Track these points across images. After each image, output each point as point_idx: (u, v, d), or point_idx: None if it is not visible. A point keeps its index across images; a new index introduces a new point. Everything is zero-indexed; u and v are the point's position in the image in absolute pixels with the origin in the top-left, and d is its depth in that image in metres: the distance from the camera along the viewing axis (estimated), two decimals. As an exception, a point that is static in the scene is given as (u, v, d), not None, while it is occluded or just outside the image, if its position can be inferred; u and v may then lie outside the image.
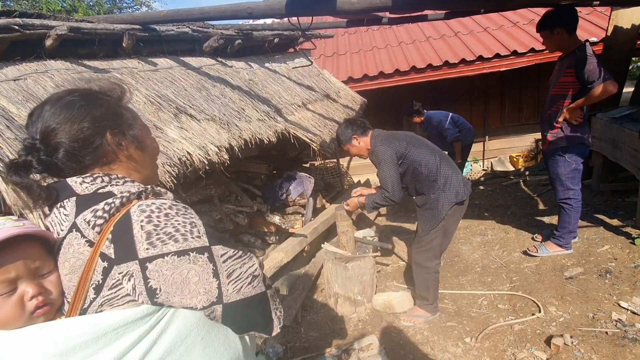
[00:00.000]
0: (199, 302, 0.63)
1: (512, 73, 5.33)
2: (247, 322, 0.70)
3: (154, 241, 0.61)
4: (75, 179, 0.69)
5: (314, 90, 4.24)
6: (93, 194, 0.67)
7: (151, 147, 0.83)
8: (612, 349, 1.94)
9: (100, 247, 0.61)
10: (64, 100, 0.70)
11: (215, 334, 0.68)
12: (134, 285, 0.60)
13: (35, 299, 0.60)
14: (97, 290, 0.61)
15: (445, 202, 2.20)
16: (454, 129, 4.24)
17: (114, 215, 0.63)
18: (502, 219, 3.73)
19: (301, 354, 2.27)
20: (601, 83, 2.37)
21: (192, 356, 0.64)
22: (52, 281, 0.63)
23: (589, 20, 5.42)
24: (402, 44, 6.18)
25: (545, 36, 2.61)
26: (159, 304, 0.62)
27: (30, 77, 2.12)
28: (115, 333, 0.58)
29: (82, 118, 0.69)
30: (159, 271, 0.61)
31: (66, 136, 0.68)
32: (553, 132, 2.66)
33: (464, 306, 2.56)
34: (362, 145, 2.37)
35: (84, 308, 0.61)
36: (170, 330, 0.62)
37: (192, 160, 2.12)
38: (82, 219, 0.63)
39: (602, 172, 3.78)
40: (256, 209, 3.14)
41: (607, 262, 2.66)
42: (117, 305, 0.61)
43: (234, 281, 0.67)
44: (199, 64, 3.12)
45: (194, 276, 0.63)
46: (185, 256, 0.62)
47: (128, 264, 0.60)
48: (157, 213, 0.64)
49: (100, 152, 0.71)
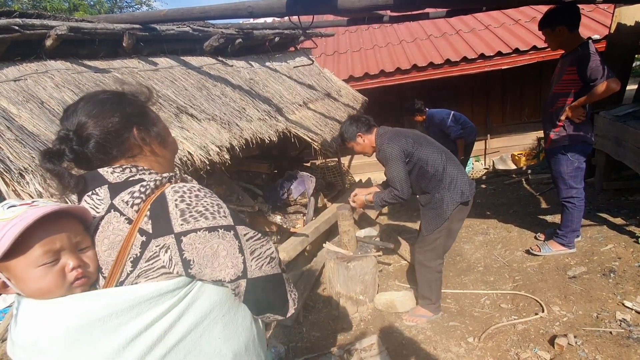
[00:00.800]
0: (227, 274, 0.70)
1: (513, 71, 5.30)
2: (265, 302, 0.77)
3: (187, 218, 0.68)
4: (107, 169, 0.75)
5: (315, 89, 4.23)
6: (124, 181, 0.74)
7: (172, 144, 0.90)
8: (616, 349, 1.92)
9: (139, 223, 0.68)
10: (97, 98, 0.78)
11: (234, 314, 0.75)
12: (171, 257, 0.67)
13: (76, 270, 0.66)
14: (134, 263, 0.67)
15: (450, 201, 2.18)
16: (457, 126, 4.21)
17: (149, 196, 0.70)
18: (505, 218, 3.71)
19: (303, 354, 2.27)
20: (604, 81, 2.35)
21: (213, 332, 0.71)
22: (89, 256, 0.69)
23: (591, 18, 5.38)
24: (403, 42, 6.15)
25: (547, 34, 2.59)
26: (192, 275, 0.68)
27: (31, 78, 2.11)
28: (149, 303, 0.65)
29: (113, 114, 0.76)
30: (193, 244, 0.68)
31: (97, 129, 0.74)
32: (555, 131, 2.65)
33: (466, 306, 2.55)
34: (367, 142, 2.34)
35: (121, 280, 0.67)
36: (197, 305, 0.69)
37: (193, 160, 2.11)
38: (119, 200, 0.70)
39: (605, 170, 3.76)
40: (257, 209, 3.14)
41: (610, 261, 2.64)
42: (151, 277, 0.67)
43: (256, 259, 0.74)
44: (199, 63, 3.11)
45: (223, 250, 0.70)
46: (215, 232, 0.70)
47: (165, 237, 0.67)
48: (189, 194, 0.71)
49: (127, 145, 0.78)
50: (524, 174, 5.01)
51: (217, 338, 0.72)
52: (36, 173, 1.65)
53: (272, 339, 2.44)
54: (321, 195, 3.97)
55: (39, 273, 0.63)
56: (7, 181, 1.58)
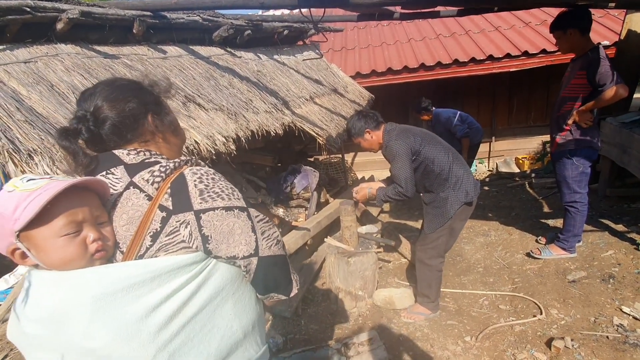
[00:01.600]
0: (240, 251, 0.74)
1: (521, 74, 5.28)
2: (273, 281, 0.81)
3: (206, 197, 0.72)
4: (122, 150, 0.78)
5: (322, 84, 4.22)
6: (141, 163, 0.77)
7: (182, 134, 0.94)
8: (612, 354, 1.93)
9: (159, 200, 0.71)
10: (116, 83, 0.82)
11: (243, 292, 0.79)
12: (191, 232, 0.70)
13: (96, 242, 0.68)
14: (154, 238, 0.70)
15: (454, 201, 2.18)
16: (463, 125, 4.20)
17: (169, 175, 0.74)
18: (506, 220, 3.71)
19: (301, 346, 2.29)
20: (612, 86, 2.34)
21: (225, 308, 0.75)
22: (108, 231, 0.71)
23: (602, 24, 5.34)
24: (412, 41, 6.12)
25: (558, 36, 2.58)
26: (209, 250, 0.72)
27: (41, 60, 2.12)
28: (168, 275, 0.67)
29: (130, 99, 0.80)
30: (211, 221, 0.72)
31: (114, 112, 0.78)
32: (562, 135, 2.64)
33: (465, 305, 2.56)
34: (375, 139, 2.32)
35: (140, 254, 0.69)
36: (211, 281, 0.72)
37: (200, 149, 2.13)
38: (140, 178, 0.73)
39: (609, 176, 3.75)
40: (260, 201, 3.15)
41: (610, 267, 2.65)
42: (171, 251, 0.70)
43: (266, 239, 0.78)
44: (208, 53, 3.11)
45: (238, 229, 0.74)
46: (231, 211, 0.74)
47: (185, 214, 0.70)
48: (206, 176, 0.75)
49: (141, 130, 0.81)
50: (528, 178, 5.01)
51: (229, 314, 0.75)
52: (45, 154, 1.67)
53: (271, 330, 2.46)
54: (324, 191, 3.98)
55: (61, 243, 0.65)
56: (16, 162, 1.59)
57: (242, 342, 0.78)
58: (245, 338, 0.78)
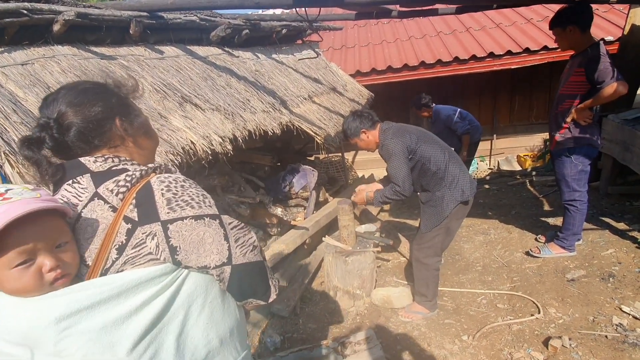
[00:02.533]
0: (212, 260, 0.72)
1: (523, 71, 5.24)
2: (249, 288, 0.79)
3: (174, 206, 0.70)
4: (88, 158, 0.75)
5: (321, 83, 4.22)
6: (107, 170, 0.74)
7: (154, 136, 0.91)
8: (611, 353, 1.92)
9: (124, 211, 0.68)
10: (79, 87, 0.78)
11: (220, 300, 0.77)
12: (157, 243, 0.68)
13: (54, 271, 0.63)
14: (120, 250, 0.67)
15: (450, 200, 2.17)
16: (464, 122, 4.18)
17: (135, 184, 0.71)
18: (506, 219, 3.69)
19: (298, 345, 2.29)
20: (612, 83, 2.31)
21: (201, 318, 0.73)
22: (69, 251, 0.66)
23: (605, 19, 5.28)
24: (412, 39, 6.10)
25: (558, 33, 2.55)
26: (178, 261, 0.70)
27: (38, 62, 2.13)
28: (135, 289, 0.66)
29: (95, 103, 0.76)
30: (179, 232, 0.69)
31: (79, 117, 0.75)
32: (560, 132, 2.62)
33: (462, 304, 2.55)
34: (371, 139, 2.32)
35: (106, 268, 0.67)
36: (184, 291, 0.71)
37: (196, 149, 2.13)
38: (104, 188, 0.70)
39: (611, 174, 3.71)
40: (259, 200, 3.16)
41: (610, 266, 2.63)
42: (138, 264, 0.67)
43: (240, 246, 0.76)
44: (205, 53, 3.11)
45: (209, 238, 0.72)
46: (201, 220, 0.71)
47: (151, 225, 0.68)
48: (175, 184, 0.73)
49: (109, 135, 0.78)
50: (529, 176, 4.97)
51: (204, 323, 0.73)
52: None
53: (269, 329, 2.48)
54: (323, 190, 3.98)
55: (15, 274, 0.61)
56: (13, 163, 1.60)
57: (219, 350, 0.76)
58: (223, 346, 0.77)
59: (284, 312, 2.54)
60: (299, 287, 2.74)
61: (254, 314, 2.50)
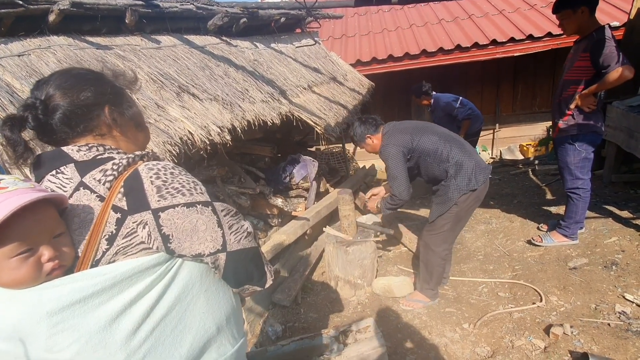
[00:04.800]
0: (206, 248, 0.71)
1: (526, 58, 5.16)
2: (245, 274, 0.78)
3: (164, 194, 0.68)
4: (71, 147, 0.73)
5: (321, 72, 4.16)
6: (92, 159, 0.72)
7: (146, 130, 0.89)
8: (613, 341, 1.91)
9: (112, 200, 0.66)
10: (72, 72, 0.77)
11: (215, 287, 0.76)
12: (149, 232, 0.66)
13: (52, 261, 0.63)
14: (110, 241, 0.65)
15: (455, 189, 2.15)
16: (465, 108, 4.14)
17: (122, 173, 0.69)
18: (508, 208, 3.67)
19: (300, 334, 2.30)
20: (617, 67, 2.26)
21: (197, 306, 0.72)
22: (65, 242, 0.66)
23: (611, 4, 5.17)
24: (414, 27, 6.00)
25: (567, 16, 2.45)
26: (172, 250, 0.68)
27: (34, 53, 2.11)
28: (129, 280, 0.64)
29: (85, 89, 0.74)
30: (171, 220, 0.68)
31: (66, 100, 0.72)
32: (564, 120, 2.58)
33: (463, 293, 2.55)
34: (376, 142, 2.39)
35: (97, 259, 0.65)
36: (178, 280, 0.70)
37: (194, 140, 2.11)
38: (90, 178, 0.68)
39: (615, 162, 3.67)
40: (259, 191, 3.14)
41: (613, 254, 2.61)
42: (130, 253, 0.66)
43: (234, 233, 0.75)
44: (203, 42, 3.07)
45: (202, 225, 0.70)
46: (193, 207, 0.70)
47: (142, 213, 0.66)
48: (164, 171, 0.71)
49: (95, 123, 0.75)
50: (531, 165, 4.93)
51: (201, 312, 0.73)
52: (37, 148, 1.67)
53: (270, 318, 2.49)
54: (323, 180, 3.96)
55: (13, 264, 0.61)
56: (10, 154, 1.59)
57: (217, 337, 0.76)
58: (220, 333, 0.76)
59: (285, 302, 2.55)
60: (300, 277, 2.74)
61: (255, 304, 2.51)
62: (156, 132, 1.91)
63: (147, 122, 0.93)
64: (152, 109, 2.09)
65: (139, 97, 2.06)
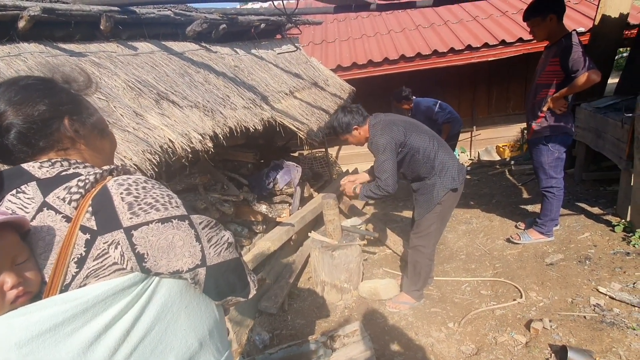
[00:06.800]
0: (184, 264, 0.67)
1: (500, 63, 5.34)
2: (227, 286, 0.75)
3: (136, 211, 0.64)
4: (32, 163, 0.68)
5: (302, 78, 4.18)
6: (56, 176, 0.67)
7: (111, 136, 0.84)
8: (589, 333, 1.99)
9: (79, 221, 0.62)
10: (20, 83, 0.69)
11: (197, 302, 0.73)
12: (122, 252, 0.62)
13: (15, 288, 0.59)
14: (79, 264, 0.61)
15: (440, 187, 2.21)
16: (444, 112, 4.26)
17: (89, 190, 0.64)
18: (487, 208, 3.78)
19: (287, 341, 2.28)
20: (585, 72, 2.39)
21: (178, 324, 0.69)
22: (29, 267, 0.62)
23: (577, 10, 5.44)
24: (392, 32, 6.12)
25: (536, 23, 2.57)
26: (147, 269, 0.64)
27: (3, 60, 2.02)
28: (103, 304, 0.60)
29: (39, 101, 0.68)
30: (145, 237, 0.64)
31: (19, 117, 0.67)
32: (537, 122, 2.69)
33: (448, 292, 2.60)
34: (362, 134, 2.31)
35: (66, 284, 0.61)
36: (156, 299, 0.66)
37: (174, 147, 2.07)
38: (54, 197, 0.63)
39: (585, 161, 3.85)
40: (243, 198, 3.11)
41: (587, 249, 2.73)
42: (103, 275, 0.62)
43: (214, 245, 0.72)
44: (182, 49, 3.03)
45: (179, 241, 0.67)
46: (168, 223, 0.66)
47: (112, 233, 0.62)
48: (135, 186, 0.66)
49: (56, 137, 0.70)
50: (508, 165, 5.10)
51: (182, 329, 0.70)
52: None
53: (257, 327, 2.46)
54: (307, 185, 3.96)
55: None
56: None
57: (200, 352, 0.73)
58: (203, 348, 0.74)
59: (272, 310, 2.52)
60: (286, 284, 2.72)
61: (242, 313, 2.47)
62: (135, 141, 1.86)
63: (125, 131, 0.89)
64: (130, 117, 2.04)
65: (117, 105, 2.01)
